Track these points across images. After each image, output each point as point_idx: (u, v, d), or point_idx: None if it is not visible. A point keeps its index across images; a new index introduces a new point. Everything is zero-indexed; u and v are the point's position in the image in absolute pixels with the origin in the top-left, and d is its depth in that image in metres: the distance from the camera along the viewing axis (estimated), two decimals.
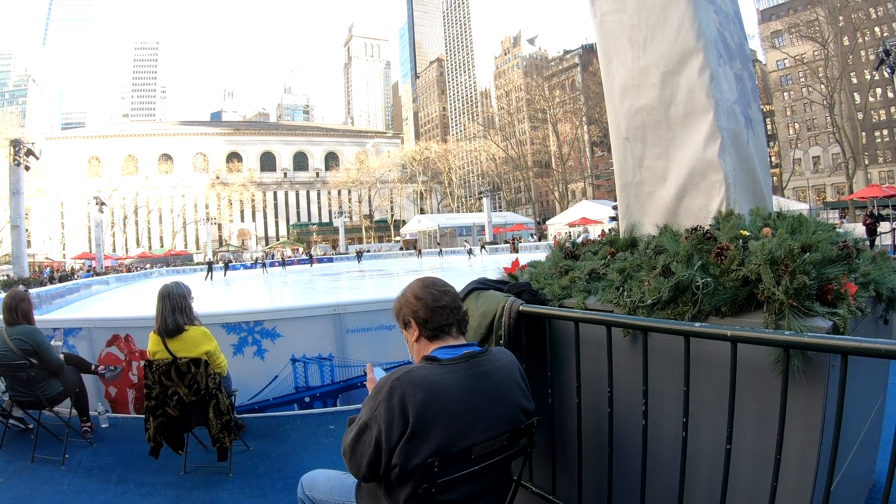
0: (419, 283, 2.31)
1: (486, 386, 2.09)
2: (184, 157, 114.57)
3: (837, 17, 69.53)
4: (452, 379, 2.03)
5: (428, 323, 2.22)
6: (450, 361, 2.10)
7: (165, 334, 4.48)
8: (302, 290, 31.34)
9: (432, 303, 2.21)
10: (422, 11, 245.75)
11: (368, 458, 1.99)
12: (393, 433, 1.93)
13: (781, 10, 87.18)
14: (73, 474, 4.63)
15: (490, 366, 2.15)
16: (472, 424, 2.02)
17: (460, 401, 2.01)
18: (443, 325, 2.21)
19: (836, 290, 2.11)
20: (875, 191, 42.71)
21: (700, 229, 2.62)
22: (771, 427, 1.98)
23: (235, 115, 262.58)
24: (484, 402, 2.06)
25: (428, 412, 1.94)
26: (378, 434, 1.95)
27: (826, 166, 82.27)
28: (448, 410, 1.97)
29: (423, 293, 2.24)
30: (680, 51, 3.12)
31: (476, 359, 2.14)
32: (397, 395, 1.95)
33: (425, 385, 1.98)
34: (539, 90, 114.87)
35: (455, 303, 2.27)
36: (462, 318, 2.29)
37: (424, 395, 1.95)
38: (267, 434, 5.44)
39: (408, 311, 2.26)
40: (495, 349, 2.30)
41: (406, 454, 1.92)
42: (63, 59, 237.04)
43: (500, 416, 2.09)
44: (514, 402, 2.16)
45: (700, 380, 2.22)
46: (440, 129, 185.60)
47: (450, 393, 2.00)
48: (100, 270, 49.32)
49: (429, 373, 2.03)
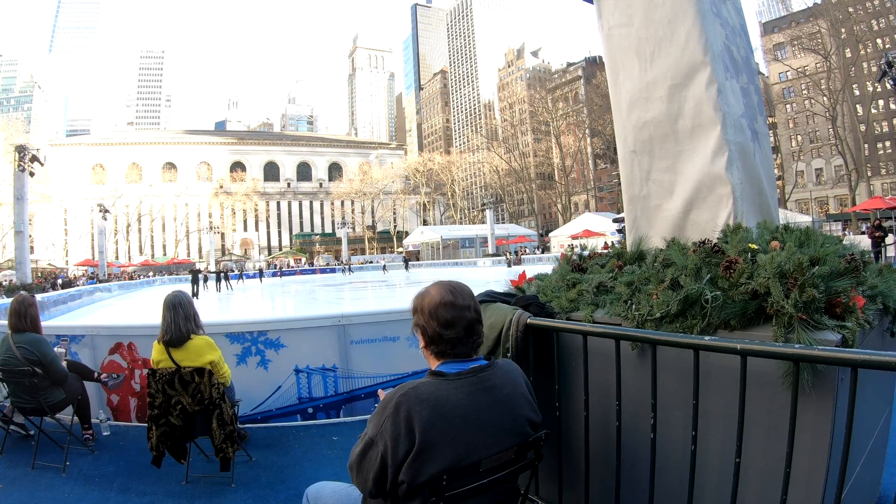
0: (439, 294, 2.16)
1: (492, 400, 2.07)
2: (188, 166, 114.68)
3: (839, 30, 69.76)
4: (459, 394, 2.02)
5: (433, 343, 2.15)
6: (456, 376, 2.07)
7: (172, 343, 4.48)
8: (305, 301, 31.29)
9: (440, 328, 2.11)
10: (426, 24, 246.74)
11: (374, 473, 1.97)
12: (399, 450, 1.91)
13: (784, 23, 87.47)
14: (73, 482, 4.61)
15: (497, 379, 2.13)
16: (480, 439, 2.00)
17: (467, 416, 1.99)
18: (447, 352, 2.14)
19: (844, 304, 2.11)
20: (878, 202, 42.75)
21: (708, 243, 2.62)
22: (780, 440, 1.98)
23: (240, 124, 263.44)
24: (491, 416, 2.04)
25: (434, 429, 1.92)
26: (384, 450, 1.94)
27: (829, 178, 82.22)
28: (455, 427, 1.96)
29: (439, 311, 2.11)
30: (687, 64, 3.13)
31: (483, 373, 2.11)
32: (403, 411, 1.93)
33: (431, 401, 1.96)
34: (542, 102, 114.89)
35: (469, 328, 2.13)
36: (475, 342, 2.17)
37: (431, 411, 1.94)
38: (270, 445, 5.42)
39: (419, 320, 2.18)
40: (502, 361, 2.26)
41: (413, 471, 1.91)
42: (69, 67, 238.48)
43: (507, 429, 2.08)
44: (522, 414, 2.14)
45: (708, 393, 2.22)
46: (443, 141, 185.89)
47: (457, 409, 1.98)
48: (102, 277, 49.38)
49: (435, 389, 2.01)
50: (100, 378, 5.74)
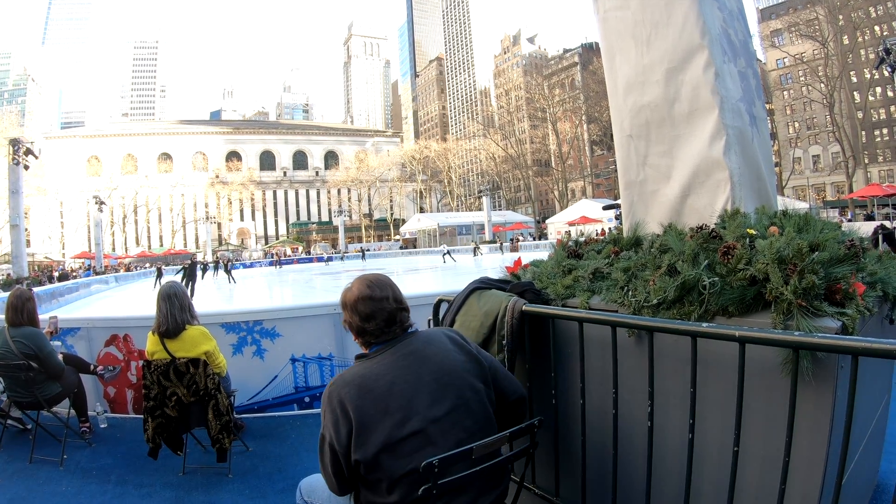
0: (359, 289, 2.29)
1: (416, 360, 2.18)
2: (183, 157, 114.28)
3: (837, 16, 69.48)
4: (381, 366, 2.16)
5: (359, 335, 2.31)
6: (375, 353, 2.23)
7: (168, 334, 4.45)
8: (302, 290, 31.24)
9: (362, 321, 2.25)
10: (421, 10, 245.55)
11: (332, 466, 2.13)
12: (341, 433, 2.05)
13: (781, 10, 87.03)
14: (71, 475, 4.60)
15: (417, 342, 2.25)
16: (417, 400, 2.09)
17: (394, 382, 2.10)
18: (372, 342, 2.27)
19: (844, 290, 2.08)
20: (875, 189, 42.77)
21: (705, 228, 2.59)
22: (779, 429, 1.95)
23: (235, 113, 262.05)
24: (419, 376, 2.14)
25: (365, 403, 2.05)
26: (331, 440, 2.09)
27: (826, 165, 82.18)
28: (383, 395, 2.07)
29: (360, 306, 2.25)
30: (685, 47, 3.09)
31: (401, 342, 2.25)
32: (335, 397, 2.10)
33: (357, 380, 2.12)
34: (539, 89, 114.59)
35: (389, 319, 2.25)
36: (397, 330, 2.28)
37: (357, 388, 2.09)
38: (266, 434, 5.41)
39: (346, 316, 2.33)
40: (423, 329, 2.40)
41: (361, 447, 2.03)
42: (62, 59, 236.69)
43: (443, 383, 2.15)
44: (454, 367, 2.21)
45: (706, 381, 2.20)
46: (440, 128, 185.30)
47: (381, 379, 2.11)
48: (99, 270, 49.30)
49: (358, 369, 2.18)
50: (96, 370, 5.72)
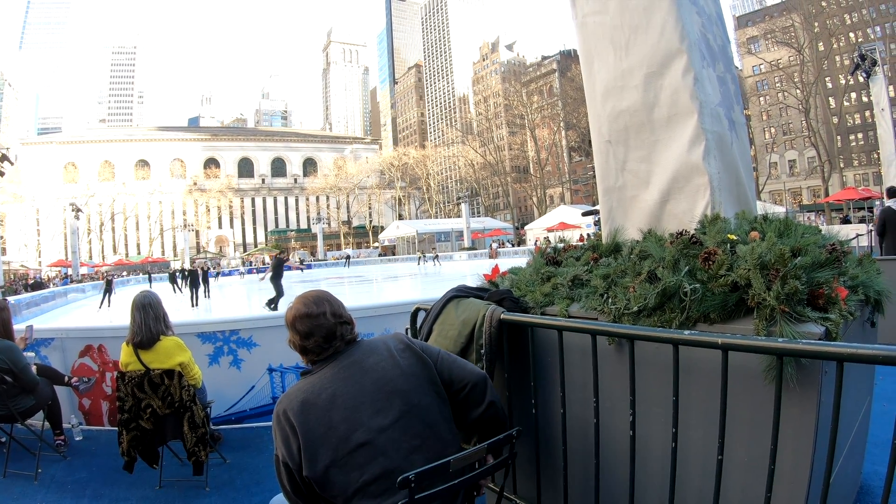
0: (296, 309, 2.29)
1: (358, 372, 2.18)
2: (161, 163, 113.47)
3: (813, 23, 70.48)
4: (322, 380, 2.16)
5: (303, 354, 2.29)
6: (317, 367, 2.24)
7: (142, 345, 4.36)
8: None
9: (302, 340, 2.25)
10: (400, 17, 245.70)
11: (289, 484, 2.12)
12: (292, 449, 2.06)
13: (758, 17, 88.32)
14: (46, 489, 4.51)
15: (357, 353, 2.25)
16: (359, 411, 2.09)
17: (335, 395, 2.11)
18: (315, 360, 2.26)
19: (827, 295, 2.06)
20: (851, 193, 43.44)
21: (686, 234, 2.57)
22: (763, 436, 1.94)
23: (213, 120, 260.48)
24: (362, 386, 2.15)
25: (309, 418, 2.07)
26: (283, 457, 2.10)
27: (802, 170, 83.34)
28: (326, 408, 2.08)
29: (297, 324, 2.25)
30: (663, 52, 3.08)
31: (341, 354, 2.25)
32: (282, 416, 2.11)
33: (300, 396, 2.12)
34: (517, 96, 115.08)
35: (328, 335, 2.24)
36: (338, 345, 2.26)
37: (301, 404, 2.09)
38: (244, 446, 5.33)
39: (289, 335, 2.31)
40: (365, 340, 2.37)
41: (310, 463, 2.03)
42: (39, 64, 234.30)
43: (387, 391, 2.15)
44: (397, 374, 2.20)
45: (689, 388, 2.17)
46: (418, 135, 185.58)
47: (322, 392, 2.12)
48: (76, 278, 48.76)
49: (302, 384, 2.19)
50: (71, 382, 5.60)
